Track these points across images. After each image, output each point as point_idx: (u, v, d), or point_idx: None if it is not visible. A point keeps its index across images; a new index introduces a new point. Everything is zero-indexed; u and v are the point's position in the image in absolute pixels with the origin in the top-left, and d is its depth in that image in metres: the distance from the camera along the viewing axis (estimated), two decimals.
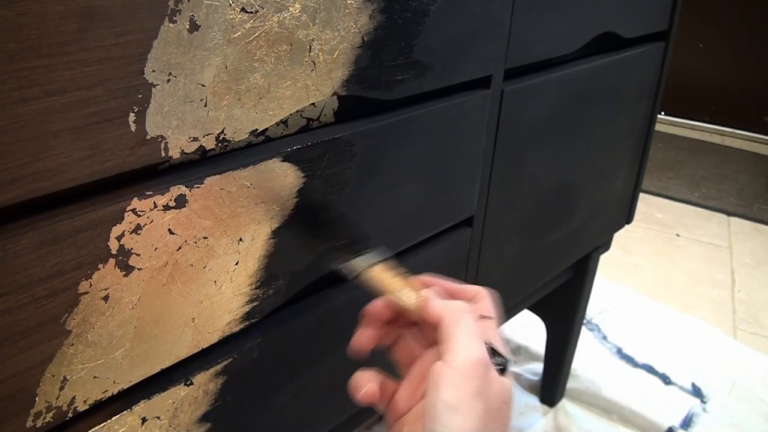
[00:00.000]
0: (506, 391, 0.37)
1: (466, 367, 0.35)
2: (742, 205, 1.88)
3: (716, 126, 2.49)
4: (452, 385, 0.34)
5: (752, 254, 1.62)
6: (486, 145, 0.62)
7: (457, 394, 0.34)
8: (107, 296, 0.35)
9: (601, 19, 0.73)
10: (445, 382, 0.34)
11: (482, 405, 0.34)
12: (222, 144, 0.39)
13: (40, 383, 0.34)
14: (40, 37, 0.29)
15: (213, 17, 0.35)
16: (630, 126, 0.89)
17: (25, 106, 0.29)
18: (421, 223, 0.59)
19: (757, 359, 1.20)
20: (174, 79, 0.35)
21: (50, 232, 0.32)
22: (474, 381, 0.35)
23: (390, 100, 0.50)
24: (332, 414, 0.59)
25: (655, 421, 1.02)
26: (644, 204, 1.85)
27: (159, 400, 0.41)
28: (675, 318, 1.31)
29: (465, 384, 0.34)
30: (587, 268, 1.05)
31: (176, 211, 0.37)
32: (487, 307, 0.41)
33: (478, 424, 0.34)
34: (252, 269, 0.44)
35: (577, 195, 0.84)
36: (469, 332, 0.36)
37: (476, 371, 0.35)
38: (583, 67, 0.72)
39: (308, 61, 0.42)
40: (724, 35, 2.40)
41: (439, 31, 0.50)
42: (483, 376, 0.35)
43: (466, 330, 0.36)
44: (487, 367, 0.36)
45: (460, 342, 0.36)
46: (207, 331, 0.43)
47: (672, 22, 0.88)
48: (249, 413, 0.49)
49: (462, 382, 0.34)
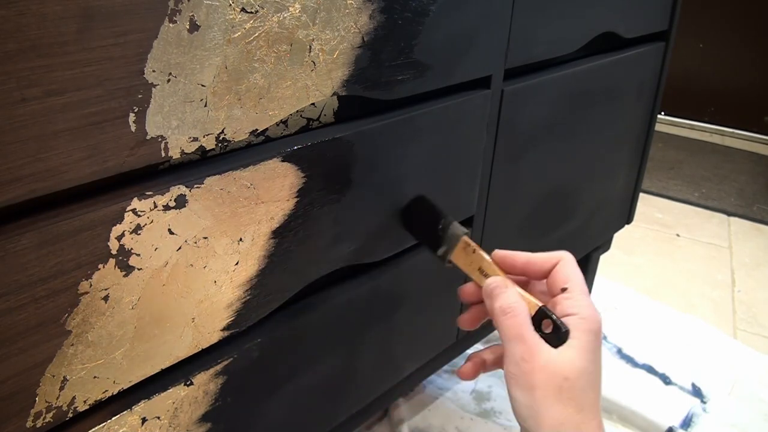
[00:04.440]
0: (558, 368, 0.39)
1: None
2: (742, 205, 1.88)
3: (716, 126, 2.48)
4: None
5: (752, 254, 1.62)
6: (486, 145, 0.62)
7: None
8: (107, 296, 0.35)
9: (601, 19, 0.73)
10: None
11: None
12: (222, 144, 0.39)
13: (40, 383, 0.34)
14: (40, 37, 0.29)
15: (213, 17, 0.35)
16: (630, 126, 0.89)
17: (25, 106, 0.29)
18: None
19: (757, 359, 1.20)
20: (174, 79, 0.35)
21: (50, 232, 0.32)
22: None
23: (390, 100, 0.50)
24: (332, 414, 0.59)
25: (655, 421, 1.02)
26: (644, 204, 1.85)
27: (159, 400, 0.41)
28: (675, 318, 1.31)
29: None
30: (587, 268, 1.05)
31: (176, 211, 0.37)
32: (561, 276, 0.43)
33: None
34: (252, 269, 0.44)
35: (577, 195, 0.84)
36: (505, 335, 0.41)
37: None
38: (583, 67, 0.72)
39: (308, 61, 0.42)
40: (724, 35, 2.40)
41: (439, 31, 0.50)
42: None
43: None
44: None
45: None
46: (207, 331, 0.43)
47: (672, 22, 0.88)
48: (249, 413, 0.49)
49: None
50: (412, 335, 0.65)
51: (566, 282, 0.42)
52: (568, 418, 0.38)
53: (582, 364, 0.39)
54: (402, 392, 0.91)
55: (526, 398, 0.38)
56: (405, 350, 0.65)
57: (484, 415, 0.99)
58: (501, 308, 0.41)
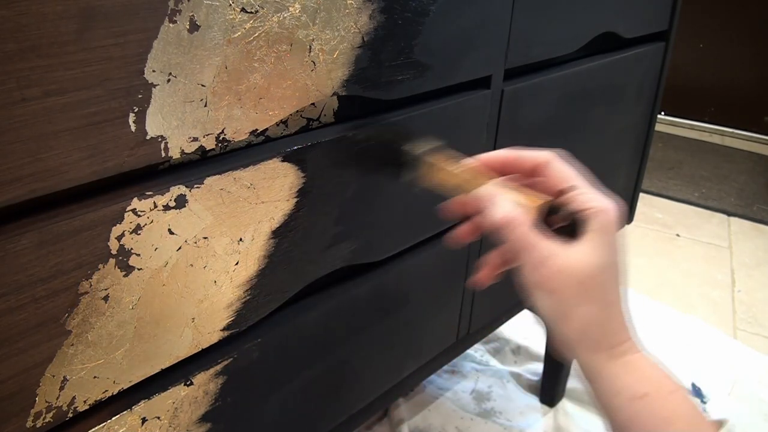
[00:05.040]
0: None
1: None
2: (742, 205, 1.88)
3: (716, 126, 2.49)
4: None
5: (752, 254, 1.62)
6: (486, 145, 0.62)
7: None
8: (107, 296, 0.35)
9: (601, 19, 0.73)
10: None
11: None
12: (222, 144, 0.39)
13: (40, 383, 0.34)
14: (40, 37, 0.29)
15: (213, 17, 0.35)
16: (630, 126, 0.89)
17: (25, 106, 0.29)
18: (421, 224, 0.58)
19: (757, 359, 1.20)
20: (174, 79, 0.35)
21: (50, 232, 0.32)
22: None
23: (390, 100, 0.50)
24: (332, 414, 0.59)
25: None
26: (644, 204, 1.85)
27: (159, 400, 0.41)
28: (675, 318, 1.31)
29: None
30: None
31: (176, 211, 0.37)
32: (560, 175, 0.41)
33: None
34: (252, 269, 0.44)
35: None
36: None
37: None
38: (583, 67, 0.72)
39: (308, 61, 0.42)
40: (724, 35, 2.40)
41: (439, 31, 0.50)
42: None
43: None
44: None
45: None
46: (207, 331, 0.43)
47: (672, 22, 0.88)
48: (249, 413, 0.49)
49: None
50: (412, 335, 0.65)
51: (568, 180, 0.40)
52: (594, 315, 0.37)
53: (600, 260, 0.37)
54: (402, 392, 0.91)
55: (550, 302, 0.38)
56: (405, 350, 0.65)
57: (484, 415, 0.99)
58: (498, 222, 0.39)
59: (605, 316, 0.38)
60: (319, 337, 0.52)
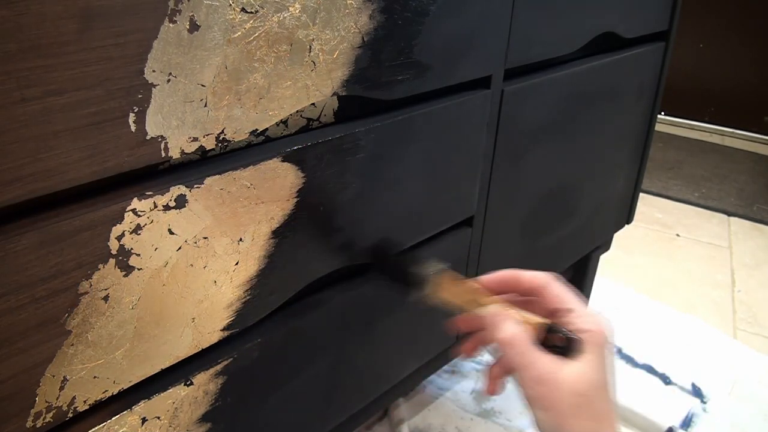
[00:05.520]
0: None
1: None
2: (742, 205, 1.88)
3: (716, 126, 2.48)
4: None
5: (752, 254, 1.62)
6: (486, 145, 0.62)
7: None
8: (107, 296, 0.35)
9: (601, 19, 0.73)
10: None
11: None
12: (222, 144, 0.39)
13: (40, 383, 0.34)
14: (40, 37, 0.29)
15: (213, 17, 0.35)
16: (630, 126, 0.89)
17: (25, 106, 0.29)
18: (422, 224, 0.59)
19: (757, 359, 1.20)
20: (174, 79, 0.35)
21: (50, 232, 0.32)
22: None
23: (390, 100, 0.50)
24: (332, 414, 0.59)
25: (655, 421, 1.02)
26: (644, 204, 1.84)
27: (159, 400, 0.41)
28: (675, 318, 1.31)
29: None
30: (587, 268, 1.05)
31: (176, 211, 0.37)
32: (556, 298, 0.44)
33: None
34: (252, 269, 0.44)
35: (577, 195, 0.84)
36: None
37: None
38: (583, 67, 0.72)
39: (308, 61, 0.42)
40: (724, 35, 2.40)
41: (439, 31, 0.50)
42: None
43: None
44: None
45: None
46: (207, 331, 0.43)
47: (672, 22, 0.88)
48: (249, 413, 0.49)
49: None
50: (412, 335, 0.65)
51: (564, 302, 0.44)
52: (588, 430, 0.40)
53: (596, 377, 0.40)
54: (402, 392, 0.91)
55: (547, 417, 0.40)
56: (405, 350, 0.65)
57: (484, 415, 0.99)
58: (502, 340, 0.43)
59: (599, 429, 0.40)
60: (318, 337, 0.52)
